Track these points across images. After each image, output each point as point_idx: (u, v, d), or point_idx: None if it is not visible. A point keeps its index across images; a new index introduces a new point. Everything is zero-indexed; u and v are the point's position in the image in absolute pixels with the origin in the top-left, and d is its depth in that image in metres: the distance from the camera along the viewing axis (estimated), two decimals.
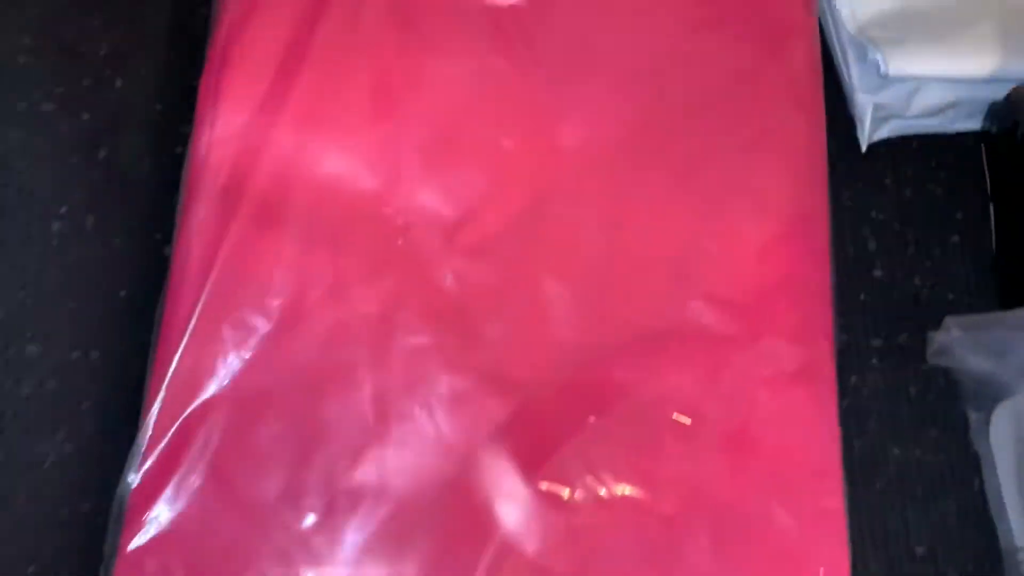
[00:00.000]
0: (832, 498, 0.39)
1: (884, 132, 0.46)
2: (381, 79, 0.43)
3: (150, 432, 0.37)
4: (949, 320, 0.42)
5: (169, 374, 0.38)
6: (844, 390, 0.42)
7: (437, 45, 0.44)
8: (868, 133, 0.46)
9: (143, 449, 0.37)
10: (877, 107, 0.45)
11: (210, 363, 0.39)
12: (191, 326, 0.39)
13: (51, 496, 0.35)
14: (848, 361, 0.44)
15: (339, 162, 0.41)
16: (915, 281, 0.46)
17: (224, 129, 0.41)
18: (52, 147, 0.41)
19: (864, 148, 0.46)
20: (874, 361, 0.44)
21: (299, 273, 0.40)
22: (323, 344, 0.40)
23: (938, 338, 0.42)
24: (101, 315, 0.37)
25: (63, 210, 0.40)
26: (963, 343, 0.41)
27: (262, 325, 0.39)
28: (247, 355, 0.39)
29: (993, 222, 0.46)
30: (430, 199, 0.42)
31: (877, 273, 0.46)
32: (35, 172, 0.41)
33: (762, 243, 0.42)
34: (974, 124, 0.47)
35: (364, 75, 0.43)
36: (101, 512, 0.37)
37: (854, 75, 0.46)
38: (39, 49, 0.44)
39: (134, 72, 0.45)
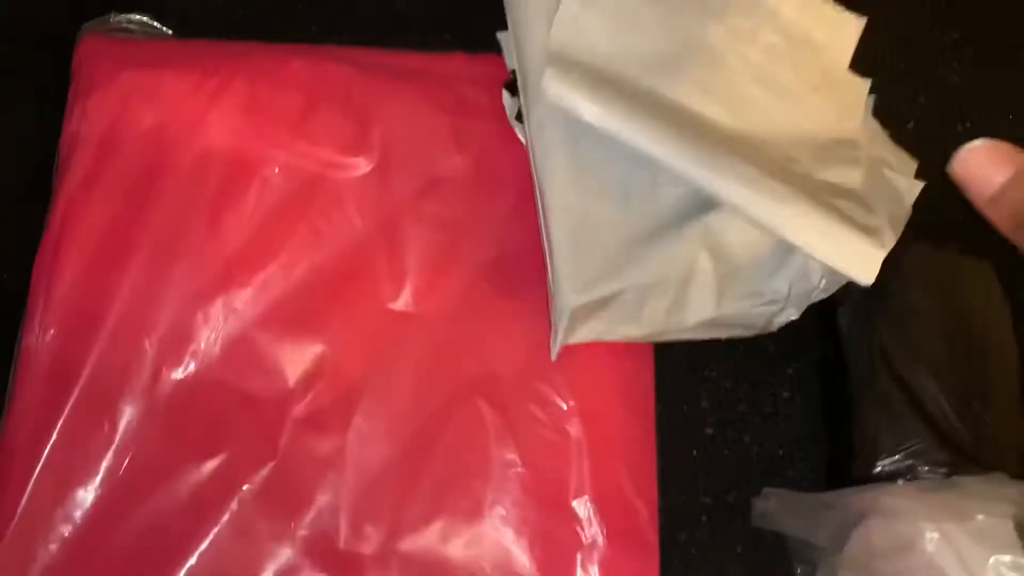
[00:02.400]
0: None
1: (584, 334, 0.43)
2: (217, 252, 0.43)
3: None
4: (768, 490, 0.44)
5: None
6: (673, 547, 0.44)
7: (273, 212, 0.45)
8: (562, 337, 0.42)
9: None
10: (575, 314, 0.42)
11: (36, 552, 0.39)
12: (15, 517, 0.39)
13: None
14: (678, 518, 0.45)
15: (173, 339, 0.42)
16: (744, 438, 0.48)
17: (55, 315, 0.42)
18: None
19: (554, 355, 0.42)
20: (703, 518, 0.46)
21: (131, 458, 0.41)
22: (157, 525, 0.40)
23: (759, 504, 0.44)
24: None
25: None
26: (781, 511, 0.43)
27: (91, 511, 0.40)
28: (75, 542, 0.40)
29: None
30: (267, 369, 0.43)
31: (708, 431, 0.48)
32: None
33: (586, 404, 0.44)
34: None
35: (199, 249, 0.43)
36: None
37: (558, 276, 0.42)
38: None
39: None
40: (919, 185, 0.44)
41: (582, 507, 0.42)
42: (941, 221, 0.43)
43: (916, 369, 0.42)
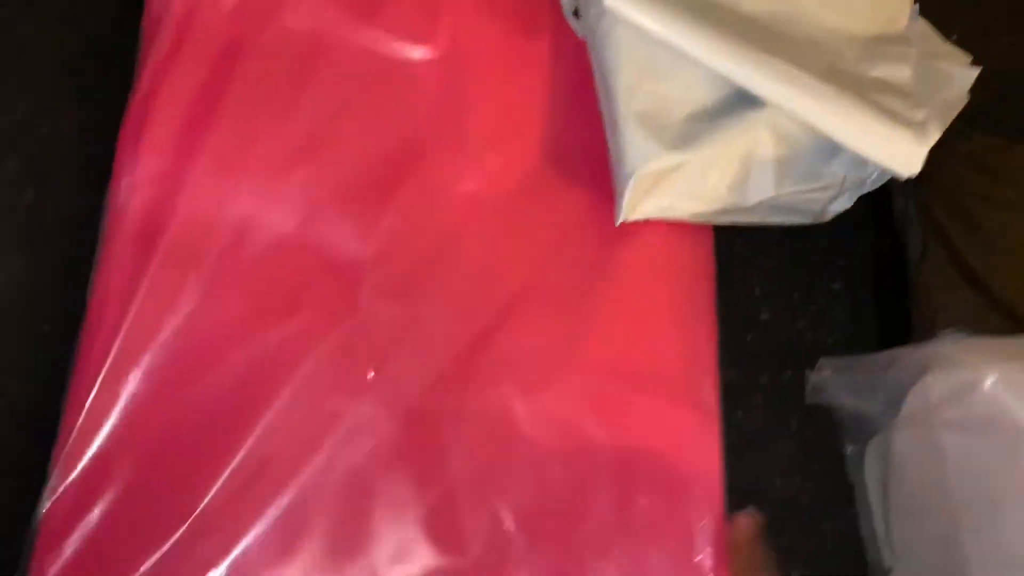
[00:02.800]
0: (715, 515, 0.42)
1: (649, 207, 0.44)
2: (294, 126, 0.45)
3: (62, 465, 0.39)
4: (824, 361, 0.45)
5: (84, 410, 0.40)
6: (730, 424, 0.46)
7: (348, 93, 0.46)
8: (626, 207, 0.43)
9: (55, 481, 0.39)
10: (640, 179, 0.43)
11: (122, 402, 0.40)
12: (105, 365, 0.40)
13: None
14: (734, 397, 0.47)
15: (254, 206, 0.44)
16: (798, 324, 0.49)
17: (142, 176, 0.43)
18: None
19: (619, 221, 0.44)
20: (759, 397, 0.47)
21: (213, 314, 0.42)
22: (235, 381, 0.42)
23: (814, 377, 0.46)
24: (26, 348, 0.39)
25: None
26: (836, 382, 0.45)
27: (175, 364, 0.41)
28: (160, 393, 0.41)
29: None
30: (343, 240, 0.44)
31: (764, 316, 0.49)
32: None
33: (651, 286, 0.45)
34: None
35: (278, 123, 0.45)
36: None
37: (623, 145, 0.44)
38: None
39: (61, 121, 0.47)
40: (974, 72, 0.45)
41: (647, 375, 0.44)
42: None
43: (972, 244, 0.44)
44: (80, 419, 0.39)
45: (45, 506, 0.38)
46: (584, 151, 0.47)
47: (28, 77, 0.49)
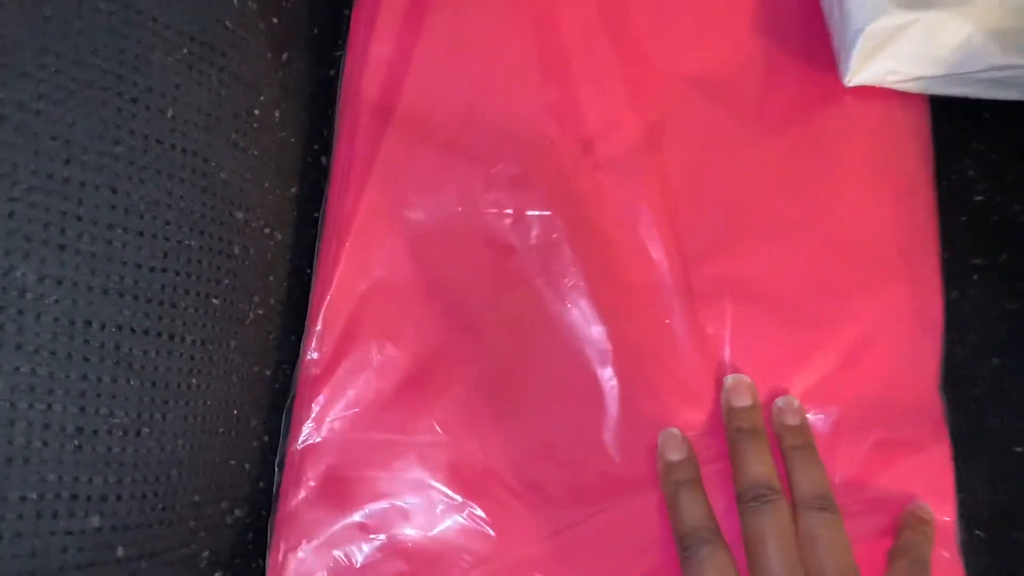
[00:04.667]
0: (931, 401, 0.43)
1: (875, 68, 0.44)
2: (522, 4, 0.47)
3: (323, 312, 0.42)
4: None
5: (340, 265, 0.43)
6: (946, 304, 0.45)
7: None
8: (853, 66, 0.44)
9: (318, 327, 0.42)
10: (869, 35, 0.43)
11: (370, 257, 0.43)
12: (355, 222, 0.43)
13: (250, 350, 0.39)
14: (950, 277, 0.46)
15: (482, 80, 0.46)
16: (1014, 207, 0.48)
17: (375, 51, 0.46)
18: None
19: (849, 82, 0.44)
20: (975, 278, 0.47)
21: (446, 178, 0.44)
22: (469, 239, 0.44)
23: None
24: (281, 204, 0.42)
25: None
26: None
27: (415, 223, 0.44)
28: (402, 250, 0.43)
29: None
30: (571, 114, 0.46)
31: (978, 198, 0.48)
32: None
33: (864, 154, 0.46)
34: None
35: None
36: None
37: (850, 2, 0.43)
38: None
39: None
40: None
41: (863, 249, 0.44)
42: None
43: None
44: (339, 270, 0.42)
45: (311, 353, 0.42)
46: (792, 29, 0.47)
47: None
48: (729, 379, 0.42)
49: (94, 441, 0.31)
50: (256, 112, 0.39)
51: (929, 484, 0.42)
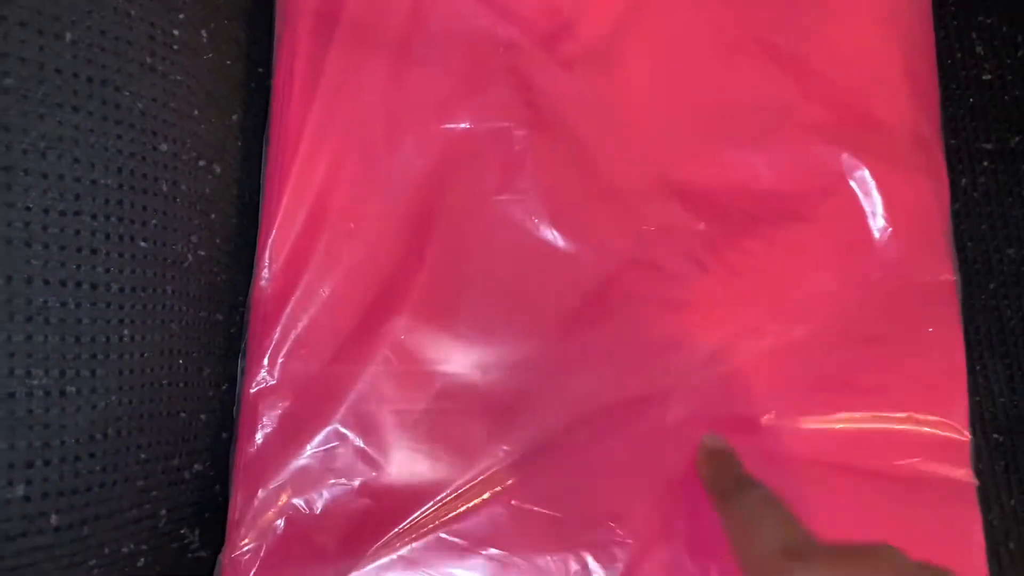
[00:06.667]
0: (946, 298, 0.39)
1: None
2: None
3: (269, 246, 0.39)
4: None
5: (286, 195, 0.39)
6: (955, 193, 0.42)
7: None
8: None
9: (265, 263, 0.39)
10: None
11: (320, 178, 0.40)
12: (302, 145, 0.40)
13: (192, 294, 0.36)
14: (958, 163, 0.43)
15: None
16: None
17: None
18: None
19: None
20: (985, 163, 0.43)
21: (400, 90, 0.40)
22: (427, 156, 0.40)
23: None
24: (219, 134, 0.38)
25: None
26: None
27: (366, 142, 0.40)
28: (354, 171, 0.40)
29: None
30: (528, 11, 0.42)
31: (986, 77, 0.44)
32: None
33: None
34: None
35: None
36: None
37: None
38: None
39: None
40: None
41: (866, 137, 0.40)
42: None
43: None
44: (276, 224, 0.39)
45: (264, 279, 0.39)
46: None
47: None
48: None
49: (10, 404, 0.28)
50: (175, 32, 0.35)
51: (941, 391, 0.39)
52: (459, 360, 0.39)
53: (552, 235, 0.39)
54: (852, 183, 0.40)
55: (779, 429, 0.38)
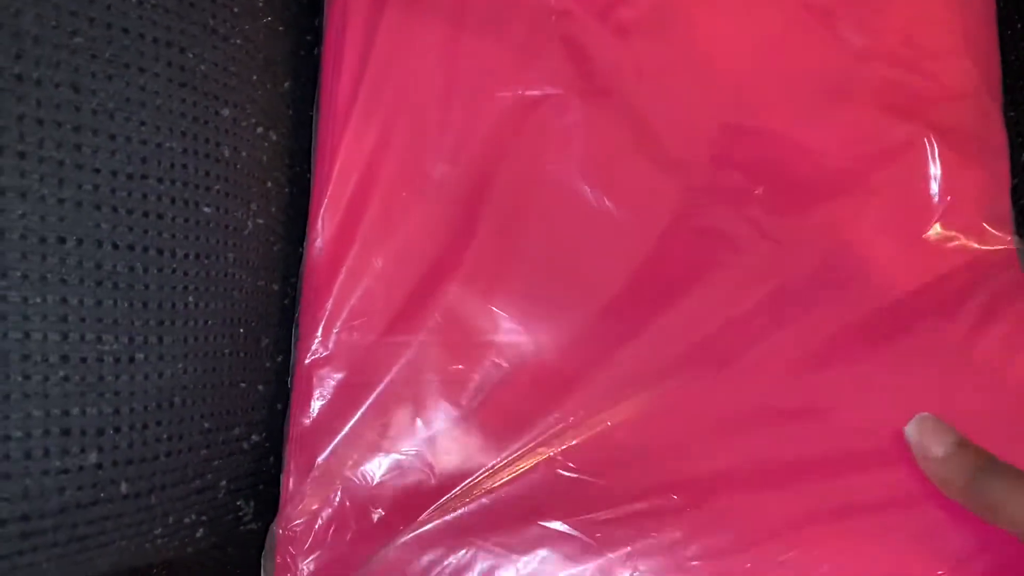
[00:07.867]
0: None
1: None
2: None
3: (321, 217, 0.39)
4: None
5: (336, 166, 0.39)
6: (1014, 168, 0.41)
7: None
8: None
9: (317, 234, 0.38)
10: None
11: (371, 147, 0.39)
12: (353, 113, 0.39)
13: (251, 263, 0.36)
14: (1017, 138, 0.42)
15: None
16: None
17: None
18: None
19: None
20: None
21: (452, 59, 0.40)
22: (480, 124, 0.40)
23: None
24: (273, 101, 0.38)
25: None
26: None
27: (418, 110, 0.40)
28: (406, 140, 0.39)
29: None
30: None
31: None
32: None
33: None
34: None
35: None
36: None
37: None
38: None
39: None
40: None
41: (925, 106, 0.40)
42: None
43: None
44: (327, 195, 0.39)
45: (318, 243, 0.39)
46: None
47: None
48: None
49: (82, 370, 0.28)
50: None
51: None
52: (511, 329, 0.38)
53: (607, 203, 0.39)
54: (912, 152, 0.39)
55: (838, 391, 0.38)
